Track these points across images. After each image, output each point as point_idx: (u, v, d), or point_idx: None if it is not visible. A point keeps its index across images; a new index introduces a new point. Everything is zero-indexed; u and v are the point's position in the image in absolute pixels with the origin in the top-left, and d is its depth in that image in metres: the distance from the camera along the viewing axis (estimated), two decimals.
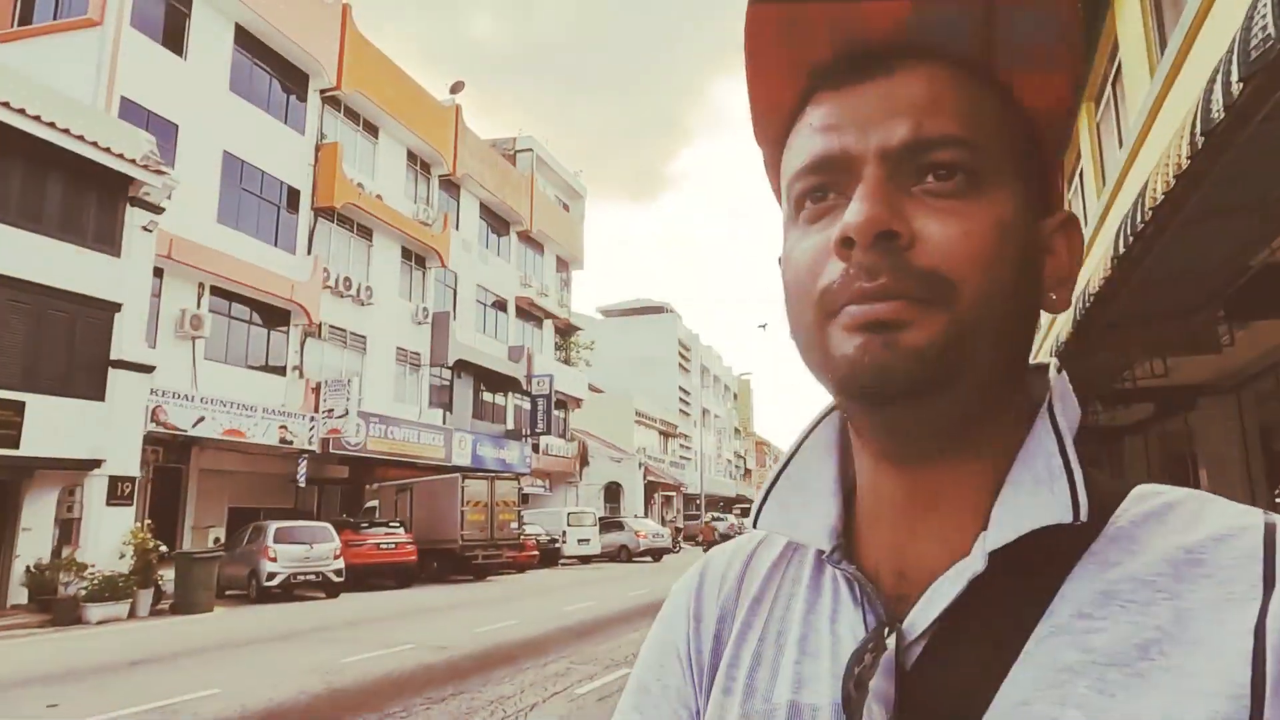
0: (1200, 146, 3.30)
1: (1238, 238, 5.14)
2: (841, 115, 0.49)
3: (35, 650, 10.90)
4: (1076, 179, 11.89)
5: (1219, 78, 2.91)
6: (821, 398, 0.57)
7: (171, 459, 19.16)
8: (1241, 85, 2.79)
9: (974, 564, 0.47)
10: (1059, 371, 0.53)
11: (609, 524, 32.18)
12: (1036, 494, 0.47)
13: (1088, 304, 5.86)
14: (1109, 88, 10.35)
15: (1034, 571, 0.47)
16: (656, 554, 31.28)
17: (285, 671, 8.95)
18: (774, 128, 0.55)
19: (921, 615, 0.49)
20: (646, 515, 43.10)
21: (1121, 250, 4.75)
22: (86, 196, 14.58)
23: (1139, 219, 4.38)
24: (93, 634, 12.43)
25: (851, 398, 0.50)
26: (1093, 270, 5.99)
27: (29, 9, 18.45)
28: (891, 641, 0.49)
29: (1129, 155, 8.69)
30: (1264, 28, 2.40)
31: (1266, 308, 6.39)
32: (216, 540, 20.04)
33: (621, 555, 30.38)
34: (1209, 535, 0.46)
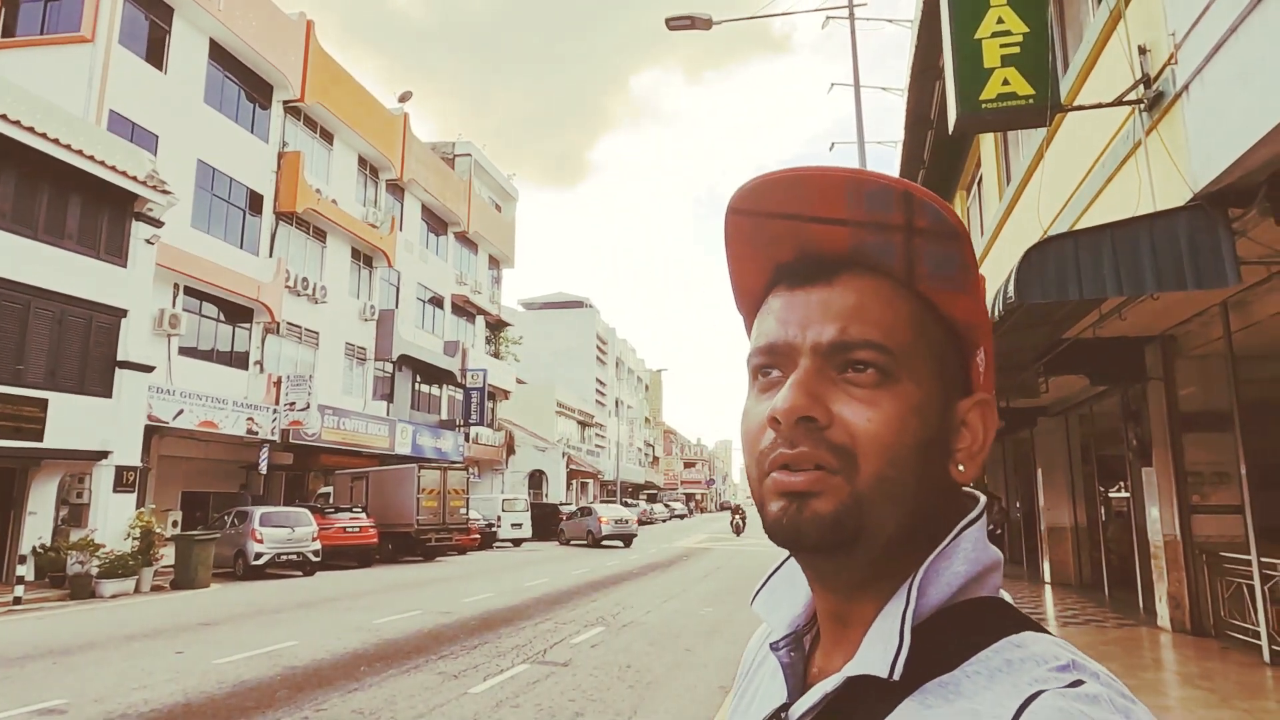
0: (1003, 309, 6.08)
1: (1040, 337, 8.16)
2: (791, 311, 0.62)
3: (95, 618, 12.39)
4: None
5: (1001, 293, 5.66)
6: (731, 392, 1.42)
7: None
8: (1010, 300, 5.54)
9: (832, 683, 0.59)
10: (967, 525, 0.61)
11: (581, 510, 33.15)
12: (877, 646, 0.58)
13: None
14: (976, 186, 13.46)
15: (880, 696, 0.57)
16: (626, 539, 30.93)
17: (336, 629, 11.01)
18: (747, 304, 0.69)
19: (799, 707, 0.62)
20: (567, 500, 45.36)
21: None
22: (100, 213, 16.01)
23: None
24: (119, 605, 13.92)
25: (778, 545, 0.62)
26: None
27: (12, 20, 19.33)
28: (785, 716, 0.64)
29: (984, 249, 11.79)
30: (1009, 293, 5.13)
31: (1068, 368, 9.61)
32: (175, 523, 21.40)
33: (588, 540, 31.06)
34: (993, 699, 0.53)
